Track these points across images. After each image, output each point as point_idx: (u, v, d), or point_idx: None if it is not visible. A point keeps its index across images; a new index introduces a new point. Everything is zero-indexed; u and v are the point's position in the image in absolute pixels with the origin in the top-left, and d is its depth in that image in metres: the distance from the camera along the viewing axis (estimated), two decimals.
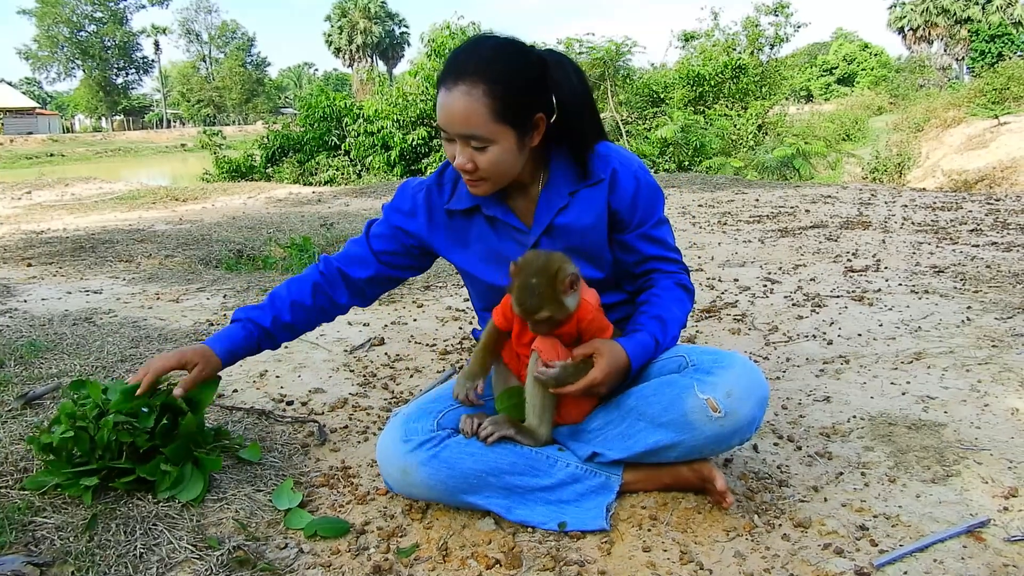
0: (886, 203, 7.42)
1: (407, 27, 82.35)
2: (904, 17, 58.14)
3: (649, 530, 1.81)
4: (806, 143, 17.26)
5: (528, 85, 1.81)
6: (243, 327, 2.10)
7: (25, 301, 4.18)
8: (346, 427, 2.47)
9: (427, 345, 3.34)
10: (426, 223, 2.06)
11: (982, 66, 39.53)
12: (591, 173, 1.96)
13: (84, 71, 73.63)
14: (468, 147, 1.79)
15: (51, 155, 45.66)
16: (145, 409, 1.96)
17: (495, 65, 1.76)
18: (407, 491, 1.88)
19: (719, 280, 4.39)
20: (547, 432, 1.90)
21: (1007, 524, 1.79)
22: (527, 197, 1.99)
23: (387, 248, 2.12)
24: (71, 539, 1.74)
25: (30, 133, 59.86)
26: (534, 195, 1.98)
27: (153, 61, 78.12)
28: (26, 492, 1.93)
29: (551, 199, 1.96)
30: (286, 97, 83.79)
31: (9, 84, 73.83)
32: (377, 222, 2.15)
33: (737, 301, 3.92)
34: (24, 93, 78.08)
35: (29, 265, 5.36)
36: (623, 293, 2.11)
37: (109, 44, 72.86)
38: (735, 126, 18.69)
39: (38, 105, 75.66)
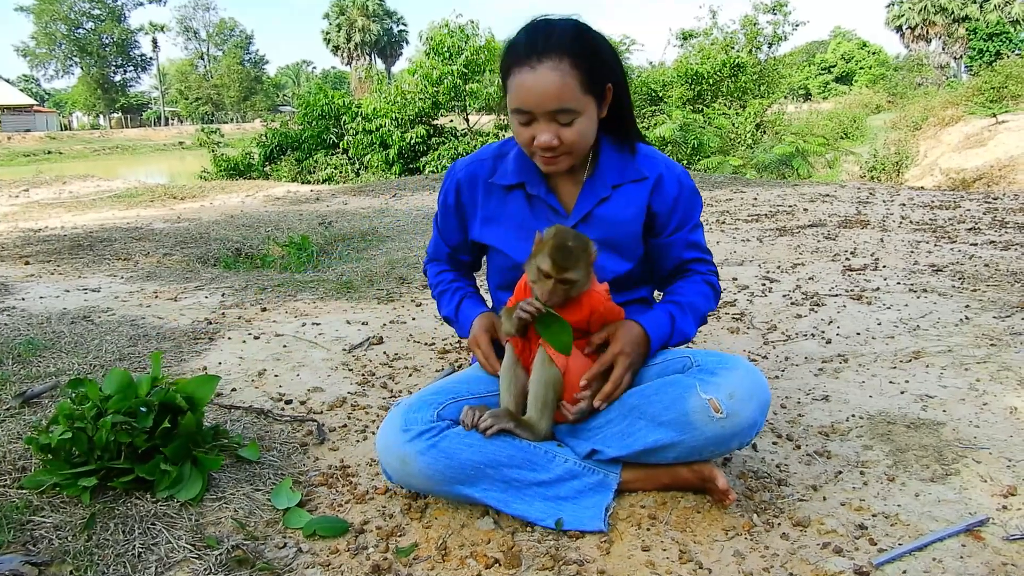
0: (884, 202, 7.42)
1: (405, 25, 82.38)
2: (902, 15, 58.21)
3: (648, 529, 1.81)
4: (804, 141, 17.24)
5: (600, 54, 1.85)
6: (479, 297, 2.24)
7: (23, 299, 4.18)
8: (345, 426, 2.47)
9: (426, 344, 3.33)
10: (470, 197, 2.11)
11: (980, 64, 39.59)
12: (637, 169, 2.01)
13: (82, 68, 73.52)
14: (554, 123, 1.82)
15: (48, 152, 45.58)
16: (143, 408, 1.96)
17: (576, 38, 1.81)
18: (405, 481, 1.88)
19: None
20: (547, 427, 1.91)
21: (1006, 523, 1.79)
22: (572, 182, 2.03)
23: (451, 233, 2.20)
24: (69, 538, 1.74)
25: (27, 130, 59.77)
26: (579, 181, 2.02)
27: (151, 59, 78.02)
28: (24, 491, 1.93)
29: (595, 188, 2.00)
30: (284, 95, 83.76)
31: (7, 81, 73.67)
32: (436, 216, 2.23)
33: (736, 300, 3.92)
34: (22, 90, 77.93)
35: (27, 263, 5.35)
36: (645, 289, 2.17)
37: (107, 41, 72.75)
38: (733, 125, 18.69)
39: (36, 102, 75.46)
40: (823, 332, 3.32)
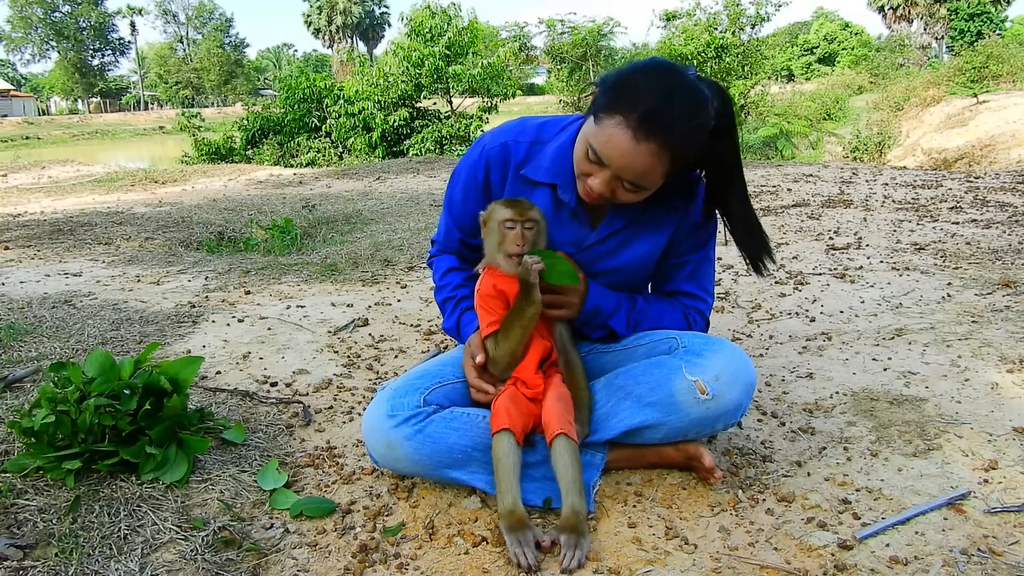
0: (867, 181, 7.46)
1: (387, 7, 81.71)
2: None
3: (635, 506, 1.82)
4: (788, 123, 17.29)
5: (695, 151, 1.75)
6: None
7: (3, 284, 4.13)
8: (331, 407, 2.46)
9: (411, 326, 3.33)
10: (499, 178, 2.00)
11: (961, 45, 39.65)
12: (670, 196, 1.93)
13: (59, 52, 72.43)
14: (617, 183, 1.74)
15: (27, 138, 44.93)
16: (127, 391, 1.95)
17: (687, 133, 1.68)
18: (392, 466, 1.88)
19: None
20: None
21: (987, 496, 1.81)
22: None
23: (468, 217, 2.05)
24: (54, 521, 1.73)
25: (4, 116, 58.94)
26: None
27: (129, 42, 77.01)
28: (8, 474, 1.91)
29: (628, 207, 1.92)
30: (265, 79, 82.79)
31: None
32: (450, 197, 2.10)
33: (720, 279, 3.93)
34: None
35: (6, 248, 5.29)
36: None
37: (84, 25, 71.71)
38: None
39: (12, 87, 74.42)
40: (807, 311, 3.34)
